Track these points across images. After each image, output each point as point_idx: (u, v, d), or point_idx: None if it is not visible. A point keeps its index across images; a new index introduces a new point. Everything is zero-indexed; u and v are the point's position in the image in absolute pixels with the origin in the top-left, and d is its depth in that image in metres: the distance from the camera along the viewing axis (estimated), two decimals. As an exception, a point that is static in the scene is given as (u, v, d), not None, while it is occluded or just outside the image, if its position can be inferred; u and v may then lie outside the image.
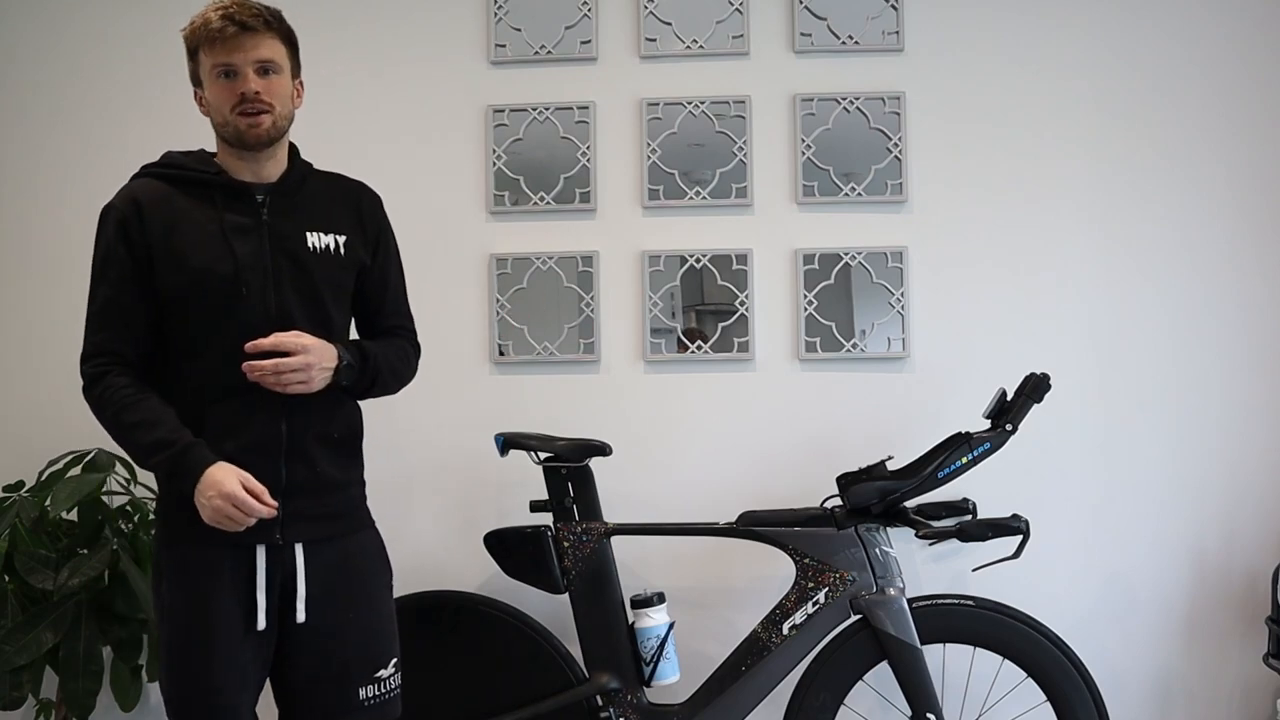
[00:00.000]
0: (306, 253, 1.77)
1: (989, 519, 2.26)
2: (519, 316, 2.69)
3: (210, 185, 1.76)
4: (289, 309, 1.74)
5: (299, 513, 1.74)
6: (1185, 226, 2.64)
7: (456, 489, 2.68)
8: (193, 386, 1.72)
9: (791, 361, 2.67)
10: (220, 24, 1.69)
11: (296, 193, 1.82)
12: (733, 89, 2.69)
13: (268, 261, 1.74)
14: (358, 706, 1.78)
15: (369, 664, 1.80)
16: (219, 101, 1.72)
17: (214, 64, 1.71)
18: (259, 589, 1.70)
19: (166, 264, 1.71)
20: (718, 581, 2.64)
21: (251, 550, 1.71)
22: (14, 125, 2.78)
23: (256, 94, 1.71)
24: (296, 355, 1.68)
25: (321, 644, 1.76)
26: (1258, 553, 2.59)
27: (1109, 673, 2.53)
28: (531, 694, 2.34)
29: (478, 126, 2.72)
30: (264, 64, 1.72)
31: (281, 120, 1.76)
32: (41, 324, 2.72)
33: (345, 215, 1.86)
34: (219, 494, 1.63)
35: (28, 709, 2.47)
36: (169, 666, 1.71)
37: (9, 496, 2.41)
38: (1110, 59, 2.66)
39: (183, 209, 1.74)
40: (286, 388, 1.69)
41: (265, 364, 1.67)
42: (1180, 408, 2.62)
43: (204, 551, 1.70)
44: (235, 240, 1.73)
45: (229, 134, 1.74)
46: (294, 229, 1.78)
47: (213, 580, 1.70)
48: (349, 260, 1.83)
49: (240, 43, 1.70)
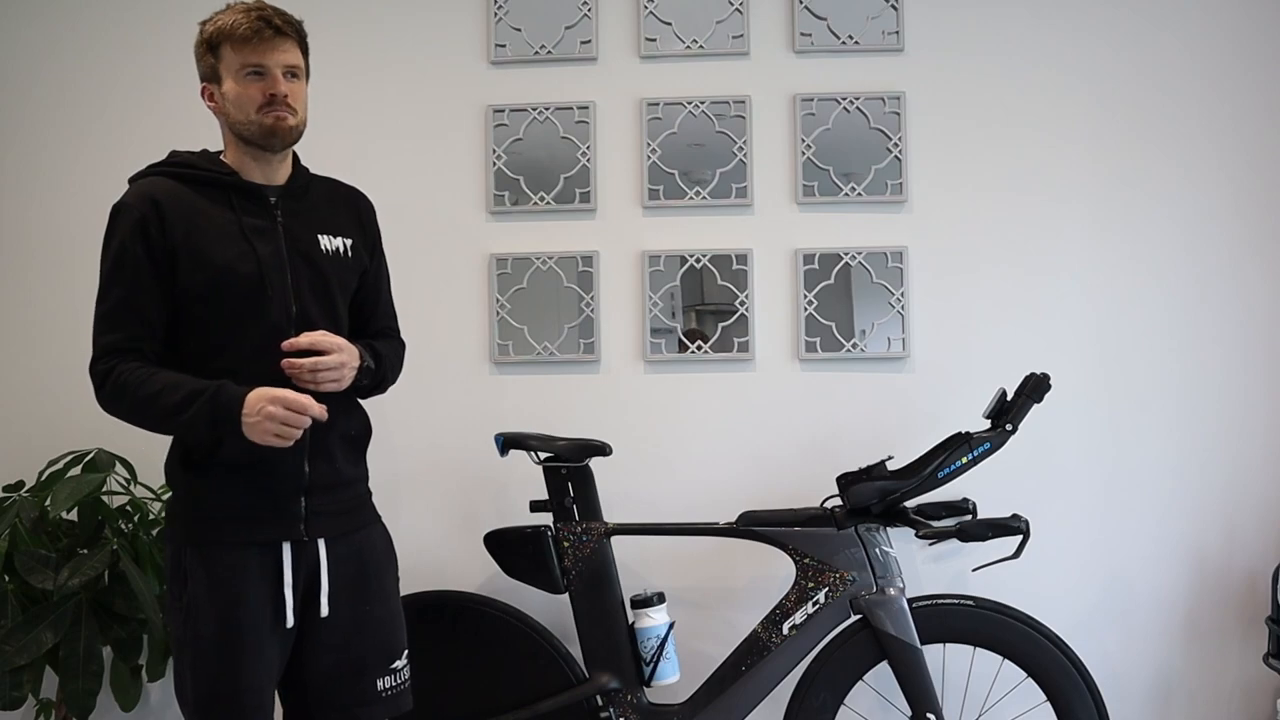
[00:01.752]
0: (320, 255, 1.82)
1: (989, 519, 2.26)
2: (519, 316, 2.69)
3: (224, 186, 1.78)
4: (308, 309, 1.78)
5: (321, 509, 1.77)
6: (1185, 226, 2.64)
7: (456, 489, 2.68)
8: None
9: (791, 361, 2.67)
10: (256, 25, 1.72)
11: (304, 196, 1.85)
12: (733, 89, 2.69)
13: (286, 262, 1.77)
14: (375, 698, 1.82)
15: (385, 655, 1.84)
16: (244, 100, 1.74)
17: (244, 63, 1.73)
18: (286, 586, 1.73)
19: (189, 263, 1.72)
20: (718, 581, 2.64)
21: (278, 548, 1.74)
22: (15, 125, 2.78)
23: (286, 96, 1.74)
24: (332, 354, 1.72)
25: (341, 638, 1.79)
26: (1258, 553, 2.59)
27: (1109, 673, 2.54)
28: (531, 694, 2.34)
29: (478, 126, 2.72)
30: (291, 69, 1.77)
31: (301, 124, 1.80)
32: (42, 324, 2.72)
33: (349, 220, 1.90)
34: (269, 399, 1.63)
35: (28, 709, 2.47)
36: (195, 667, 1.71)
37: (9, 496, 2.41)
38: (1110, 59, 2.67)
39: (201, 207, 1.75)
40: (320, 386, 1.71)
41: (303, 362, 1.70)
42: (1180, 407, 2.62)
43: (230, 552, 1.72)
44: (255, 240, 1.76)
45: (251, 132, 1.76)
46: (307, 231, 1.82)
47: (241, 580, 1.72)
48: (355, 263, 1.88)
49: (274, 45, 1.74)
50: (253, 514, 1.73)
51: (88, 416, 2.60)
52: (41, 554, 2.29)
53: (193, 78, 1.82)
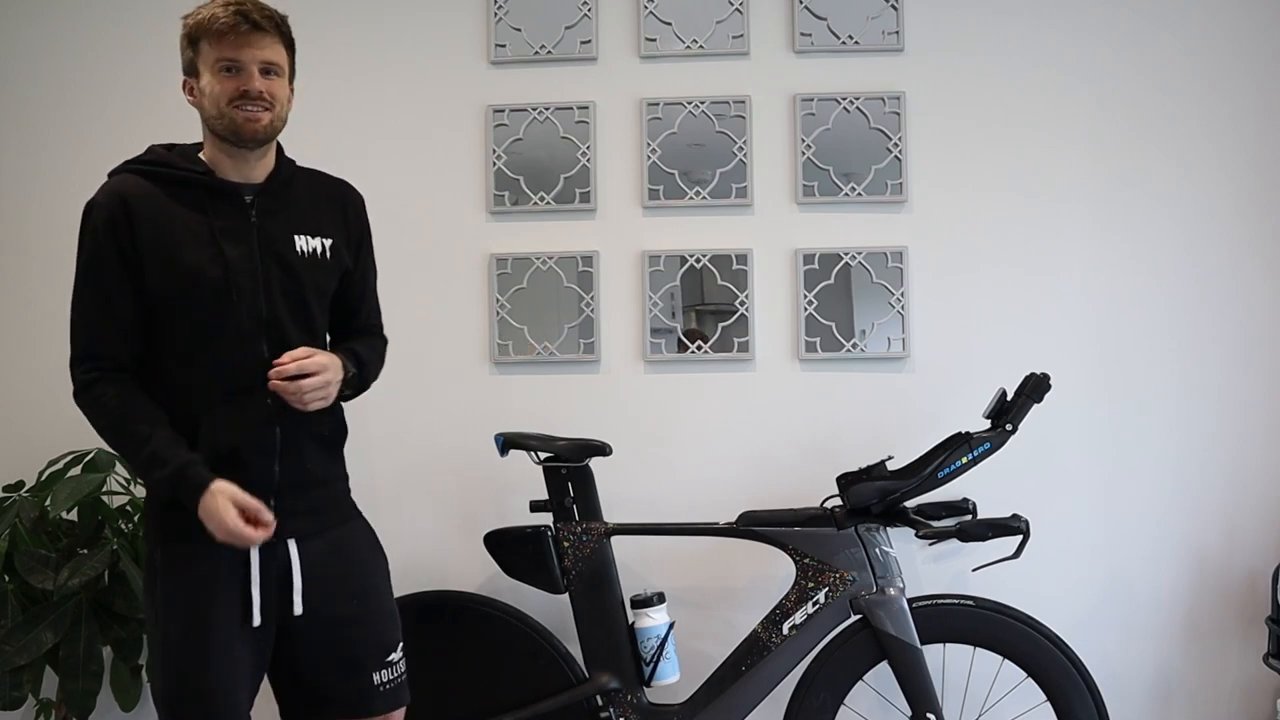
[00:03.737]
0: (295, 256, 1.78)
1: (989, 519, 2.26)
2: (519, 316, 2.69)
3: (197, 185, 1.75)
4: (278, 313, 1.75)
5: (290, 509, 1.75)
6: (1185, 226, 2.64)
7: (456, 489, 2.68)
8: (184, 389, 1.72)
9: (791, 361, 2.67)
10: (232, 20, 1.69)
11: (284, 192, 1.81)
12: (733, 89, 2.69)
13: (257, 266, 1.74)
14: (374, 692, 1.83)
15: (380, 649, 1.84)
16: (217, 94, 1.71)
17: (218, 57, 1.70)
18: (254, 585, 1.72)
19: (156, 265, 1.70)
20: (718, 581, 2.64)
21: (245, 548, 1.72)
22: (14, 124, 2.78)
23: (260, 93, 1.71)
24: (318, 375, 1.72)
25: (329, 636, 1.79)
26: (1258, 553, 2.59)
27: (1109, 673, 2.54)
28: (531, 694, 2.34)
29: (478, 126, 2.72)
30: (268, 65, 1.73)
31: (278, 121, 1.76)
32: (42, 324, 2.72)
33: (331, 217, 1.86)
34: (220, 529, 1.65)
35: (28, 709, 2.47)
36: (164, 664, 1.72)
37: (9, 496, 2.41)
38: (1110, 59, 2.67)
39: (171, 209, 1.72)
40: (308, 406, 1.73)
41: (289, 385, 1.70)
42: (1180, 407, 2.62)
43: (198, 549, 1.70)
44: (225, 243, 1.73)
45: (223, 127, 1.72)
46: (282, 232, 1.78)
47: (208, 578, 1.71)
48: (334, 264, 1.84)
49: (249, 40, 1.70)
50: None
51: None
52: (41, 554, 2.29)
53: (193, 78, 1.81)
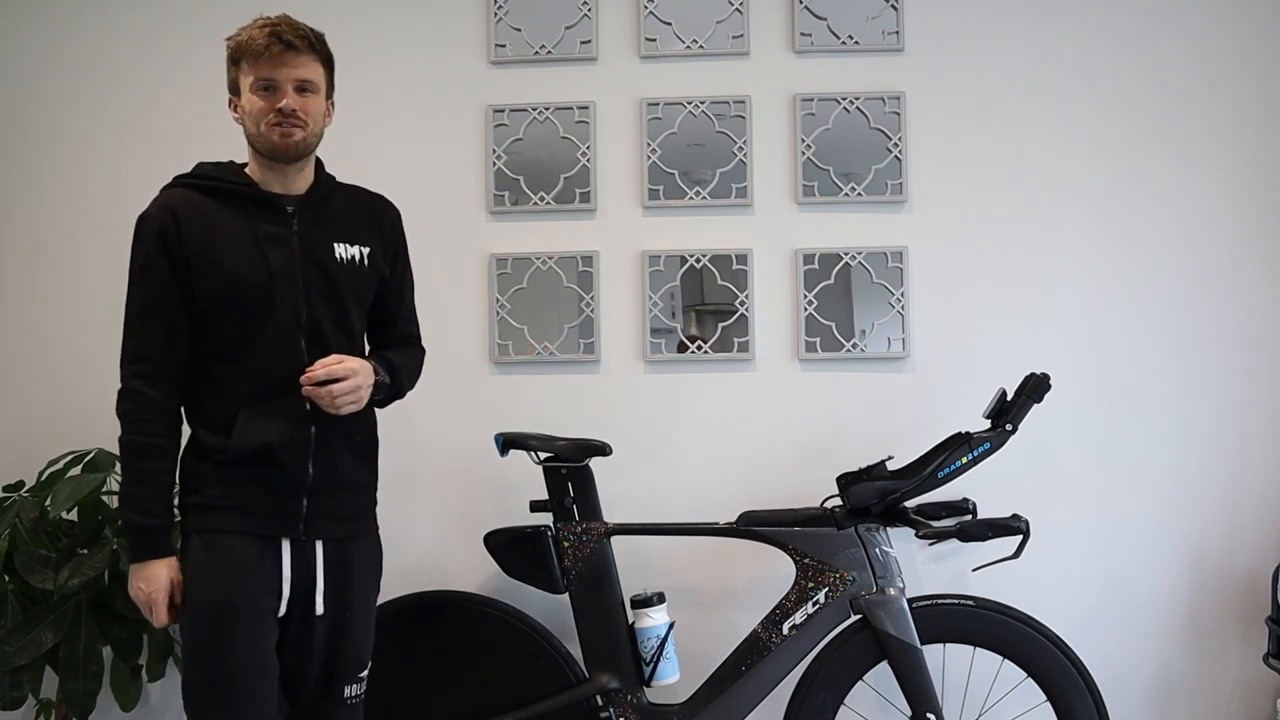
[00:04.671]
0: (334, 263, 1.86)
1: (989, 519, 2.26)
2: (519, 316, 2.69)
3: (242, 196, 1.83)
4: (317, 316, 1.83)
5: (321, 510, 1.83)
6: (1185, 226, 2.64)
7: (456, 489, 2.68)
8: (225, 389, 1.81)
9: (791, 361, 2.67)
10: (267, 41, 1.77)
11: (323, 205, 1.90)
12: (733, 89, 2.69)
13: (298, 271, 1.82)
14: (341, 702, 1.89)
15: (357, 663, 1.90)
16: (255, 112, 1.80)
17: (256, 78, 1.79)
18: (284, 580, 1.79)
19: (203, 271, 1.79)
20: (718, 581, 2.64)
21: (277, 543, 1.80)
22: (17, 124, 2.77)
23: (293, 110, 1.79)
24: (348, 379, 1.78)
25: (323, 640, 1.85)
26: (1258, 553, 2.59)
27: (1109, 673, 2.54)
28: (531, 694, 2.34)
29: (478, 126, 2.72)
30: (303, 83, 1.81)
31: (312, 137, 1.84)
32: (43, 324, 2.72)
33: (368, 228, 1.94)
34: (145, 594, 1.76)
35: (28, 709, 2.47)
36: (193, 655, 1.76)
37: (9, 496, 2.41)
38: (1110, 59, 2.67)
39: (217, 217, 1.82)
40: (340, 410, 1.79)
41: (321, 390, 1.77)
42: (1180, 407, 2.62)
43: (231, 542, 1.77)
44: (268, 249, 1.81)
45: (262, 145, 1.82)
46: (322, 240, 1.86)
47: (242, 569, 1.77)
48: (372, 272, 1.92)
49: (284, 60, 1.78)
50: (255, 508, 1.79)
51: (88, 416, 2.61)
52: (41, 554, 2.29)
53: (193, 78, 1.83)
